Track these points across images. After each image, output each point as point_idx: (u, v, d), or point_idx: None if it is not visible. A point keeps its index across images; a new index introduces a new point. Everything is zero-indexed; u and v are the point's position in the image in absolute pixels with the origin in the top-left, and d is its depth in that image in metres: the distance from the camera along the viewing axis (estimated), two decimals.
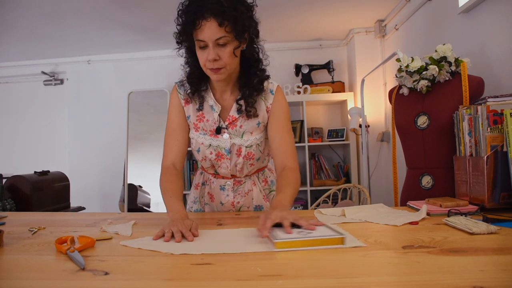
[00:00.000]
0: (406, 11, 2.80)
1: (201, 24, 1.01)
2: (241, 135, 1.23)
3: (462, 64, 1.50)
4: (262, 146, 1.27)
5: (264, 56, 1.21)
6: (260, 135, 1.25)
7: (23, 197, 2.67)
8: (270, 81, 1.24)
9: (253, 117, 1.22)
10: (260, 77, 1.19)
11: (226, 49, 1.05)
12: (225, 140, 1.23)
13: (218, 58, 1.06)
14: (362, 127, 2.87)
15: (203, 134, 1.25)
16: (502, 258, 0.70)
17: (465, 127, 1.28)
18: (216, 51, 1.05)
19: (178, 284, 0.62)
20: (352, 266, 0.68)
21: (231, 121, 1.22)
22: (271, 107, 1.22)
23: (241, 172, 1.29)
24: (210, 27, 1.01)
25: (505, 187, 1.12)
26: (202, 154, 1.25)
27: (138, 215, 1.30)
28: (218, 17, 1.00)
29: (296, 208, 3.52)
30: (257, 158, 1.26)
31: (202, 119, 1.25)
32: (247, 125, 1.23)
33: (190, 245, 0.85)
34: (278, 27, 3.39)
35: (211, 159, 1.25)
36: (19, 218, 1.28)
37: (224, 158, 1.24)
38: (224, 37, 1.02)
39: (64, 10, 2.80)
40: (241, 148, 1.23)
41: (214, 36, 1.02)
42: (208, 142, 1.24)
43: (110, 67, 4.08)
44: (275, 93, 1.23)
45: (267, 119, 1.24)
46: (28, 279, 0.66)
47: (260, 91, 1.20)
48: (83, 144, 4.10)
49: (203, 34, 1.02)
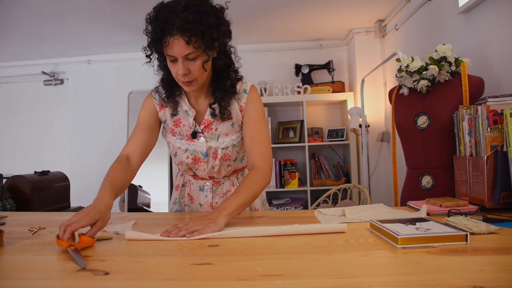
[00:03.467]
0: (406, 11, 2.80)
1: (168, 41, 1.01)
2: (217, 137, 1.24)
3: (462, 64, 1.50)
4: (238, 147, 1.27)
5: (236, 58, 1.20)
6: (236, 135, 1.25)
7: (23, 197, 2.67)
8: (244, 81, 1.24)
9: (227, 119, 1.22)
10: (232, 80, 1.19)
11: (195, 63, 1.05)
12: (201, 144, 1.24)
13: (188, 72, 1.06)
14: (362, 127, 2.87)
15: (180, 139, 1.26)
16: (502, 258, 0.70)
17: (465, 127, 1.28)
18: (186, 65, 1.05)
19: (178, 284, 0.62)
20: (352, 266, 0.68)
21: (207, 125, 1.23)
22: (245, 106, 1.22)
23: (219, 174, 1.29)
24: (178, 44, 1.00)
25: (505, 187, 1.12)
26: (179, 159, 1.27)
27: (138, 215, 1.30)
28: (185, 34, 0.99)
29: (296, 208, 3.52)
30: (233, 159, 1.27)
31: (178, 124, 1.26)
32: (222, 128, 1.24)
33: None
34: (278, 27, 3.39)
35: (188, 163, 1.26)
36: (19, 218, 1.28)
37: (201, 161, 1.25)
38: (192, 53, 1.02)
39: (64, 10, 2.80)
40: (217, 151, 1.23)
41: (182, 53, 1.02)
42: (185, 147, 1.25)
43: (110, 67, 4.08)
44: (248, 92, 1.23)
45: (242, 119, 1.24)
46: (28, 279, 0.66)
47: (233, 94, 1.20)
48: (83, 144, 4.09)
49: (171, 50, 1.02)
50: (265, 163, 1.18)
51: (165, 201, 3.59)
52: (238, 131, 1.26)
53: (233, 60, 1.20)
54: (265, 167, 1.18)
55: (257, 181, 1.14)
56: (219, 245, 0.84)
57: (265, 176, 1.16)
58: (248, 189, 1.10)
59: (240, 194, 1.07)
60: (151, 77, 1.29)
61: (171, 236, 0.90)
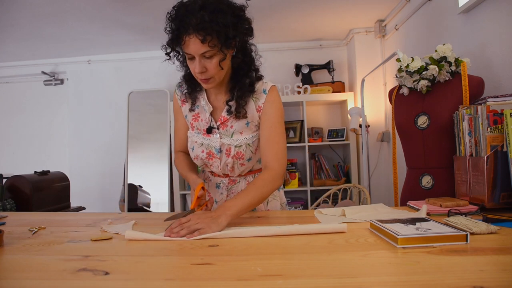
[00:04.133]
0: (406, 11, 2.80)
1: (185, 40, 1.04)
2: (231, 135, 1.24)
3: (462, 64, 1.50)
4: (253, 147, 1.26)
5: (256, 56, 1.21)
6: (251, 135, 1.25)
7: (23, 197, 2.67)
8: (264, 81, 1.24)
9: (242, 117, 1.22)
10: (251, 79, 1.19)
11: (212, 61, 1.07)
12: (216, 140, 1.25)
13: (205, 70, 1.08)
14: (362, 127, 2.87)
15: (197, 133, 1.29)
16: (502, 258, 0.70)
17: (465, 127, 1.28)
18: (203, 64, 1.07)
19: (178, 284, 0.62)
20: (352, 266, 0.68)
21: (223, 121, 1.25)
22: (263, 107, 1.22)
23: (232, 172, 1.29)
24: (194, 42, 1.03)
25: (505, 187, 1.12)
26: (196, 153, 1.29)
27: (138, 215, 1.30)
28: (199, 33, 1.00)
29: (296, 208, 3.52)
30: (247, 158, 1.26)
31: (197, 119, 1.29)
32: (236, 126, 1.24)
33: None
34: (278, 27, 3.39)
35: (203, 157, 1.28)
36: (19, 218, 1.28)
37: (214, 157, 1.26)
38: (208, 51, 1.04)
39: (64, 10, 2.80)
40: (231, 148, 1.24)
41: (198, 51, 1.04)
42: (201, 141, 1.27)
43: (110, 67, 4.08)
44: (268, 92, 1.22)
45: (258, 119, 1.24)
46: (28, 279, 0.66)
47: (251, 92, 1.20)
48: (83, 144, 4.10)
49: (188, 48, 1.05)
50: (278, 165, 1.18)
51: (165, 201, 3.59)
52: (254, 131, 1.25)
53: (254, 58, 1.20)
54: (277, 168, 1.17)
55: (267, 182, 1.14)
56: (219, 245, 0.84)
57: (276, 177, 1.16)
58: (257, 190, 1.10)
59: (247, 195, 1.08)
60: (151, 77, 1.30)
61: (172, 236, 0.91)
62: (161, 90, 3.76)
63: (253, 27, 1.14)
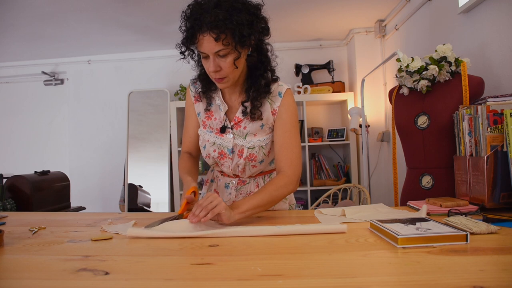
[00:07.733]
0: (406, 11, 2.80)
1: (198, 38, 1.03)
2: (245, 136, 1.23)
3: (462, 64, 1.50)
4: (266, 149, 1.25)
5: (272, 56, 1.19)
6: (265, 137, 1.24)
7: (24, 197, 2.67)
8: (280, 83, 1.23)
9: (257, 119, 1.21)
10: (267, 80, 1.18)
11: (226, 59, 1.06)
12: (229, 140, 1.24)
13: (219, 69, 1.07)
14: (362, 127, 2.87)
15: (210, 131, 1.28)
16: (502, 258, 0.69)
17: (465, 127, 1.28)
18: (217, 62, 1.06)
19: (178, 284, 0.62)
20: (352, 266, 0.68)
21: (237, 122, 1.24)
22: (278, 110, 1.21)
23: (243, 173, 1.29)
24: (208, 41, 1.02)
25: (505, 187, 1.12)
26: (207, 151, 1.28)
27: (138, 215, 1.30)
28: (213, 31, 0.99)
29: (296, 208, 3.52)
30: (260, 161, 1.25)
31: (210, 117, 1.28)
32: (250, 127, 1.23)
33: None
34: (278, 27, 3.38)
35: (214, 157, 1.27)
36: (19, 218, 1.28)
37: (226, 157, 1.25)
38: (222, 50, 1.03)
39: (64, 10, 2.80)
40: (243, 149, 1.23)
41: (212, 50, 1.03)
42: (213, 140, 1.26)
43: (110, 67, 4.08)
44: (283, 95, 1.21)
45: (273, 122, 1.23)
46: (28, 279, 0.66)
47: (267, 94, 1.19)
48: (83, 144, 4.10)
49: (202, 47, 1.04)
50: (292, 171, 1.17)
51: (165, 201, 3.59)
52: (268, 133, 1.24)
53: (270, 59, 1.19)
54: (291, 174, 1.17)
55: (279, 187, 1.14)
56: (219, 245, 0.84)
57: (290, 183, 1.16)
58: (268, 193, 1.11)
59: (257, 196, 1.09)
60: (151, 77, 1.29)
61: (193, 222, 0.97)
62: (161, 90, 3.76)
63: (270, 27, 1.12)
